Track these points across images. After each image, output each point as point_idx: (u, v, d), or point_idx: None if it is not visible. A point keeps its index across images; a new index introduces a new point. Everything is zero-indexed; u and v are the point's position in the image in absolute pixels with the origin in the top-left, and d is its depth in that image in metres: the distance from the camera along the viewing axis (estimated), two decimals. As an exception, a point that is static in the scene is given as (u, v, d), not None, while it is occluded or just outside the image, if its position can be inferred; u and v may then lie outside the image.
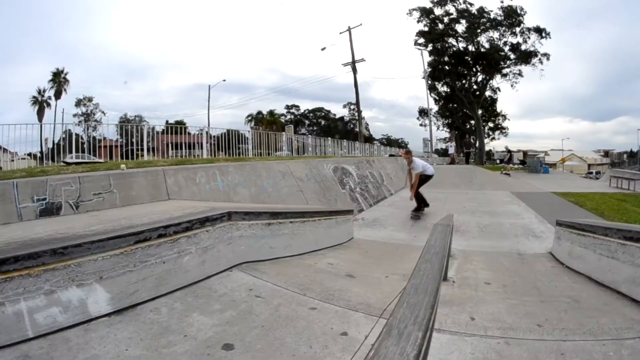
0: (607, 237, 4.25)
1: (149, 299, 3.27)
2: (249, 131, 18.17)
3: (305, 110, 63.15)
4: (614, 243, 4.09)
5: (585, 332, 3.02)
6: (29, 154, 14.00)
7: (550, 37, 40.13)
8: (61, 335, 2.69)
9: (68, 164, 9.49)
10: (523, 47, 40.69)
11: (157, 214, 4.75)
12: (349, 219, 8.15)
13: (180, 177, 7.83)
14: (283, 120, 52.61)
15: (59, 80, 40.48)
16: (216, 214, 4.30)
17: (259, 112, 52.87)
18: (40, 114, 38.02)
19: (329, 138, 24.78)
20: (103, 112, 44.21)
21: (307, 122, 61.80)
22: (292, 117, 59.46)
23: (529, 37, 40.53)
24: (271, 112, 52.68)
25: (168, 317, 3.06)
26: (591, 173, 32.50)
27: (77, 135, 14.33)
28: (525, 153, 34.56)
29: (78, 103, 42.62)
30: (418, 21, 43.86)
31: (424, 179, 10.72)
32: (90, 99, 44.05)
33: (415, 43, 44.75)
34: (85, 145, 12.34)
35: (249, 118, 52.33)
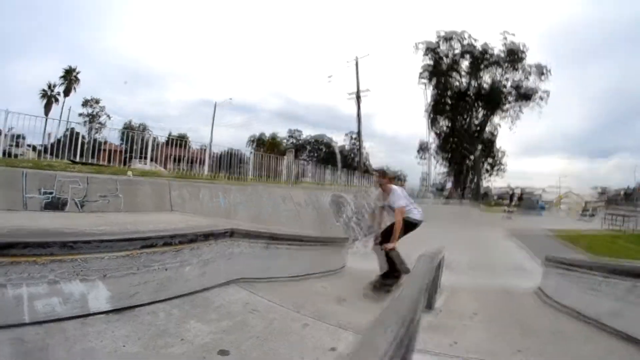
0: (592, 272, 4.43)
1: (148, 303, 3.40)
2: (250, 152, 18.49)
3: (307, 137, 63.84)
4: (597, 277, 4.27)
5: (565, 359, 3.17)
6: (32, 147, 14.17)
7: (550, 74, 40.98)
8: (58, 325, 2.79)
9: (75, 162, 9.70)
10: (524, 85, 41.51)
11: (162, 223, 4.93)
12: (344, 247, 8.33)
13: (184, 191, 8.03)
14: (284, 145, 53.13)
15: (69, 78, 41.08)
16: (220, 230, 4.48)
17: (262, 135, 53.68)
18: (47, 108, 38.31)
19: (329, 166, 25.07)
20: (108, 116, 44.60)
21: (308, 148, 62.33)
22: (294, 142, 59.99)
23: (529, 75, 41.41)
24: (273, 137, 53.46)
25: (166, 321, 3.19)
26: (587, 211, 32.76)
27: (80, 134, 14.62)
28: (522, 192, 34.91)
29: (85, 103, 43.04)
30: (424, 55, 44.86)
31: (407, 226, 6.10)
32: (97, 101, 44.52)
33: (420, 77, 45.64)
34: (86, 146, 12.53)
35: (251, 140, 52.94)
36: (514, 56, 41.37)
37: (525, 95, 41.53)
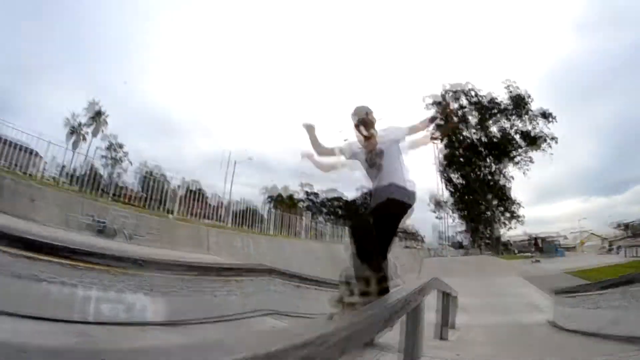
0: (589, 291, 4.93)
1: (197, 321, 4.03)
2: (269, 210, 19.60)
3: (323, 198, 64.85)
4: (594, 295, 4.76)
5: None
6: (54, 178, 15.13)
7: (555, 121, 41.36)
8: (119, 327, 3.35)
9: (116, 200, 10.71)
10: (532, 133, 41.89)
11: (207, 260, 5.64)
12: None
13: (220, 237, 8.87)
14: (301, 206, 54.00)
15: (98, 120, 43.26)
16: (260, 268, 5.20)
17: (279, 195, 54.82)
18: (75, 145, 40.01)
19: (345, 227, 25.70)
20: (130, 162, 46.13)
21: (324, 209, 63.03)
22: (311, 203, 60.94)
23: (537, 123, 41.88)
24: (290, 197, 54.49)
25: (213, 335, 3.80)
26: (611, 249, 31.79)
27: (100, 175, 15.62)
28: (543, 239, 34.44)
29: (109, 147, 44.77)
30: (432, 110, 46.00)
31: (391, 218, 3.38)
32: (120, 146, 46.26)
33: (431, 137, 46.47)
34: (108, 186, 13.47)
35: (269, 199, 53.99)
36: (519, 107, 42.34)
37: (533, 142, 41.93)
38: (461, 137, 45.69)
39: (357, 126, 3.55)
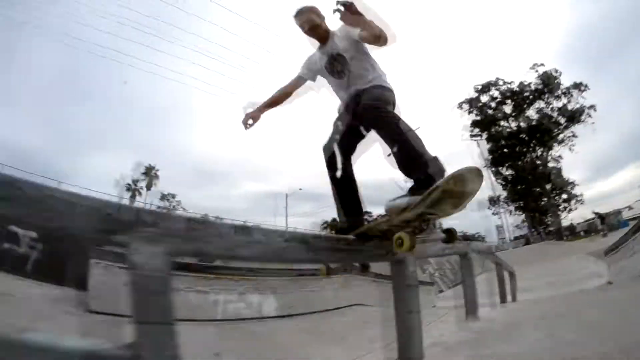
0: (626, 242, 5.58)
1: (301, 313, 5.18)
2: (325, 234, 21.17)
3: (378, 216, 65.35)
4: (630, 243, 5.41)
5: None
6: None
7: (588, 88, 39.64)
8: (242, 322, 4.54)
9: None
10: (569, 107, 40.33)
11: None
12: (431, 290, 9.79)
13: None
14: (354, 226, 54.95)
15: (150, 174, 46.03)
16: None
17: (334, 219, 56.13)
18: (132, 200, 42.83)
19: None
20: (184, 209, 48.65)
21: (377, 227, 63.41)
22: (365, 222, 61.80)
23: (571, 96, 40.27)
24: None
25: (318, 323, 4.91)
26: None
27: None
28: (607, 214, 32.90)
29: (162, 197, 47.31)
30: (469, 112, 45.52)
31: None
32: (173, 196, 48.83)
33: (471, 135, 45.86)
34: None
35: (324, 225, 55.18)
36: (551, 85, 41.06)
37: (573, 117, 40.42)
38: (500, 129, 44.96)
39: (306, 32, 2.85)
